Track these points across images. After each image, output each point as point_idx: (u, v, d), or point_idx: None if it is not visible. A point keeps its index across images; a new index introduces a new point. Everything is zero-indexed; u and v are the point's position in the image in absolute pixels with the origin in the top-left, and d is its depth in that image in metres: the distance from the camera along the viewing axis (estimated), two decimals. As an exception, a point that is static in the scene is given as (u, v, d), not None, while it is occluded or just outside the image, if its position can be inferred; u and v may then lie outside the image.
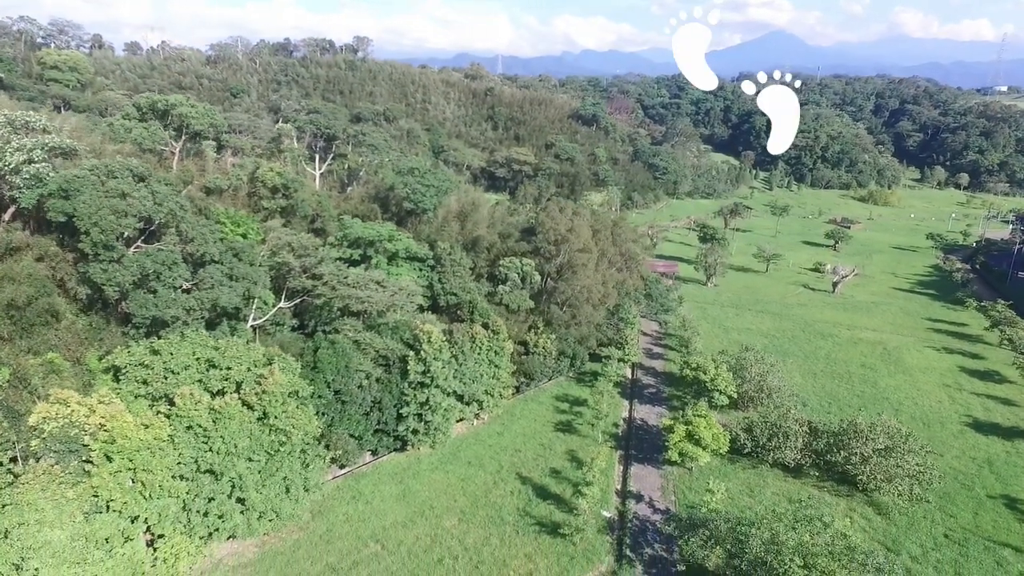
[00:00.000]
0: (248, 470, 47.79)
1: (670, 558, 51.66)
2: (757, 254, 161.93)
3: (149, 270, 50.55)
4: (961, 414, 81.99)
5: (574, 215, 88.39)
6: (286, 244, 62.62)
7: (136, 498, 42.92)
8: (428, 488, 59.66)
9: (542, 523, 55.03)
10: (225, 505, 46.66)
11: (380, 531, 53.13)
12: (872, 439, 61.66)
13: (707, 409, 65.95)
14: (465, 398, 67.77)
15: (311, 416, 52.16)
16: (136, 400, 47.23)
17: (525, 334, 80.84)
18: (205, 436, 45.74)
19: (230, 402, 46.88)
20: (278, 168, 76.84)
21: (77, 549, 41.11)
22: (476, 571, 48.82)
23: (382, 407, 61.70)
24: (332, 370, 58.01)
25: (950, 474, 66.10)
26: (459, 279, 76.11)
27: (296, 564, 48.76)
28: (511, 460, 65.05)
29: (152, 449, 43.57)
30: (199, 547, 46.70)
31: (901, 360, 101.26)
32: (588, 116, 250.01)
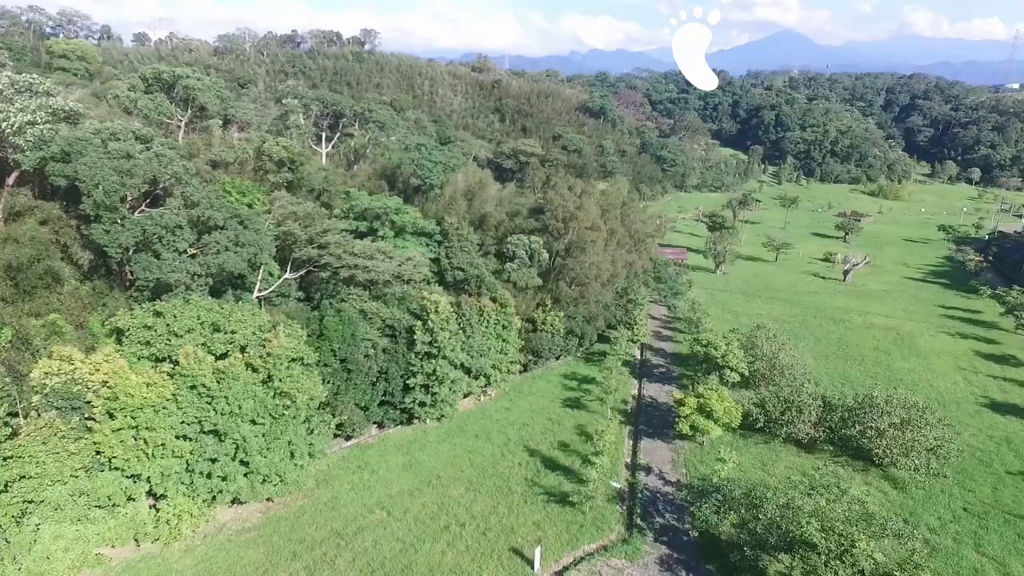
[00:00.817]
0: (252, 433, 46.97)
1: (681, 527, 50.50)
2: (767, 243, 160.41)
3: (152, 233, 49.78)
4: (978, 395, 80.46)
5: (583, 194, 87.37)
6: (291, 213, 61.78)
7: (138, 456, 42.20)
8: (434, 459, 58.75)
9: (550, 493, 54.00)
10: (228, 467, 45.86)
11: (386, 499, 52.24)
12: (888, 412, 60.31)
13: (718, 383, 64.77)
14: (472, 371, 66.80)
15: (316, 381, 51.31)
16: (139, 362, 46.48)
17: (533, 312, 79.81)
18: (209, 396, 44.96)
19: (234, 363, 46.12)
20: (284, 142, 76.11)
21: (78, 506, 40.43)
22: (483, 538, 47.83)
23: (388, 377, 60.83)
24: (338, 338, 57.17)
25: (967, 451, 64.54)
26: (466, 254, 75.19)
27: (301, 529, 47.92)
28: (519, 434, 64.06)
29: (155, 407, 42.85)
30: (202, 509, 45.93)
31: (915, 344, 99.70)
32: (596, 109, 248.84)
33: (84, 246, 55.00)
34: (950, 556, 48.00)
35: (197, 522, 46.00)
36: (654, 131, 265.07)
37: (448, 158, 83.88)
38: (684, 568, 45.59)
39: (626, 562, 45.89)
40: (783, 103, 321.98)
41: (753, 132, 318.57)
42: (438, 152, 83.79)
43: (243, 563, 43.96)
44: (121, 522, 43.25)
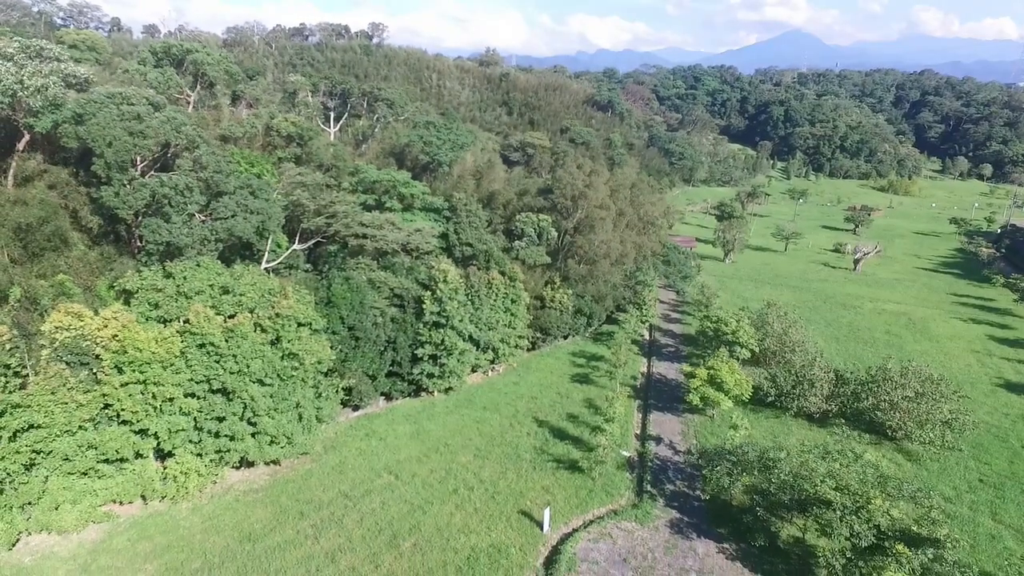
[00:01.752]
0: (260, 393, 46.68)
1: (692, 493, 49.92)
2: (776, 233, 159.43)
3: (162, 195, 49.65)
4: (992, 376, 79.51)
5: (591, 173, 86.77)
6: (300, 183, 61.60)
7: (146, 410, 41.98)
8: (442, 428, 58.38)
9: (559, 460, 53.55)
10: (236, 426, 45.61)
11: (394, 464, 51.91)
12: (903, 385, 59.53)
13: (728, 356, 64.13)
14: (481, 344, 66.41)
15: (324, 345, 51.03)
16: (147, 323, 46.26)
17: (541, 289, 79.35)
18: (217, 355, 44.74)
19: (243, 322, 45.89)
20: (292, 118, 76.00)
21: (87, 459, 40.27)
22: (492, 501, 47.41)
23: (397, 347, 60.52)
24: (346, 306, 56.90)
25: (983, 427, 63.67)
26: (475, 230, 74.78)
27: (308, 491, 47.63)
28: (527, 406, 63.61)
29: (164, 363, 42.67)
30: (209, 468, 45.68)
31: (927, 329, 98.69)
32: (603, 102, 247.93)
33: (94, 211, 54.97)
34: (966, 523, 47.19)
35: (204, 481, 45.78)
36: (662, 125, 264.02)
37: (457, 136, 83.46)
38: (695, 531, 45.01)
39: (636, 525, 45.35)
40: (792, 99, 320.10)
41: (762, 128, 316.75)
42: (446, 130, 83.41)
43: (250, 521, 43.71)
44: (129, 478, 43.08)
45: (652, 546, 43.14)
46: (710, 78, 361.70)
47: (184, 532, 42.25)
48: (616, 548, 42.72)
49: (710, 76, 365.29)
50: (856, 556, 37.17)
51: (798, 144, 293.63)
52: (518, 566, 40.63)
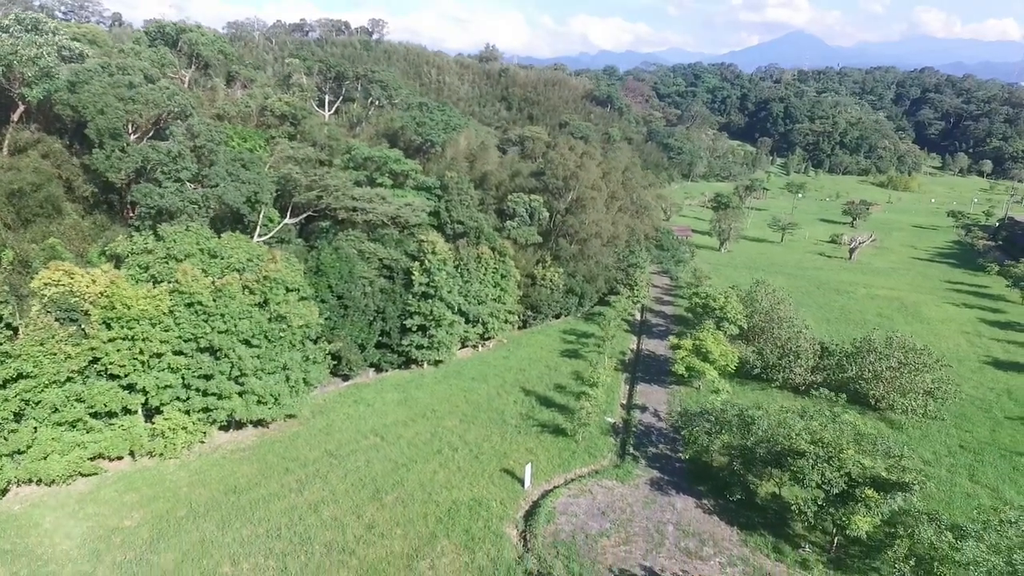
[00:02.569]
0: (248, 354, 47.47)
1: (673, 455, 50.58)
2: (772, 224, 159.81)
3: (154, 160, 50.54)
4: (981, 355, 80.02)
5: (584, 155, 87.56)
6: (291, 157, 62.45)
7: (134, 365, 42.78)
8: (430, 396, 59.14)
9: (544, 425, 54.26)
10: (224, 385, 46.38)
11: (380, 427, 52.70)
12: (886, 356, 60.13)
13: (715, 329, 64.76)
14: (470, 317, 67.14)
15: (312, 310, 51.79)
16: (136, 284, 47.11)
17: (532, 268, 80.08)
18: (205, 314, 45.55)
19: (231, 282, 46.70)
20: (287, 98, 76.93)
21: (75, 411, 41.10)
22: (476, 460, 48.15)
23: (385, 317, 61.30)
24: (335, 274, 57.73)
25: (967, 400, 64.30)
26: (466, 208, 75.57)
27: (294, 450, 48.43)
28: (515, 377, 64.34)
29: (152, 320, 43.47)
30: (197, 426, 46.46)
31: (919, 312, 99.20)
32: (602, 98, 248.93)
33: (87, 180, 55.89)
34: (943, 483, 47.76)
35: (192, 439, 46.59)
36: (661, 121, 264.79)
37: (449, 117, 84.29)
38: (674, 488, 45.67)
39: (617, 483, 46.01)
40: (792, 96, 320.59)
41: (762, 124, 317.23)
42: (439, 112, 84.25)
43: (236, 476, 44.51)
44: (117, 434, 43.89)
45: (631, 501, 43.81)
46: (710, 76, 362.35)
47: (170, 485, 43.06)
48: (595, 503, 43.39)
49: (710, 74, 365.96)
50: (827, 503, 37.83)
51: (798, 140, 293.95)
52: (498, 517, 41.31)
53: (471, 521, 40.62)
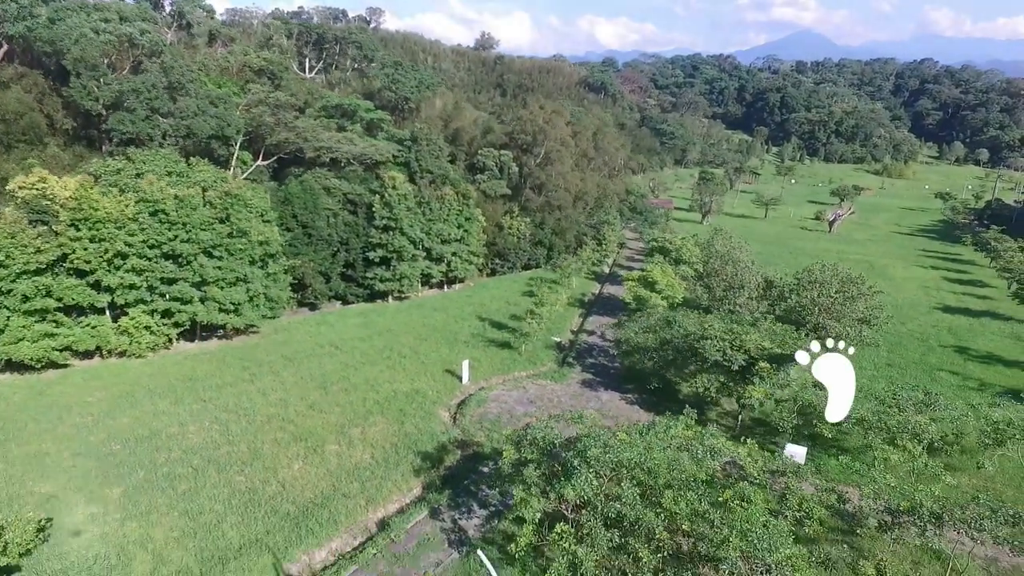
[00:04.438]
0: (210, 265, 50.99)
1: (610, 365, 53.69)
2: (756, 199, 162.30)
3: (129, 89, 54.16)
4: (934, 303, 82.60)
5: (553, 112, 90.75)
6: (261, 101, 66.00)
7: (101, 264, 46.32)
8: (391, 321, 62.48)
9: (493, 341, 57.45)
10: (186, 290, 49.91)
11: (338, 340, 56.10)
12: (824, 283, 62.89)
13: (664, 261, 67.75)
14: (433, 254, 70.39)
15: (274, 229, 55.26)
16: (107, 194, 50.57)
17: (500, 218, 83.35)
18: (169, 223, 49.06)
19: (193, 194, 50.22)
20: (265, 54, 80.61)
21: (45, 303, 44.67)
22: (421, 364, 51.38)
23: (349, 248, 64.74)
24: (299, 204, 61.21)
25: (907, 334, 67.09)
26: (435, 159, 78.83)
27: (252, 354, 51.87)
28: (474, 309, 67.51)
29: (118, 224, 47.02)
30: (160, 327, 49.96)
31: (885, 272, 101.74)
32: (596, 84, 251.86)
33: (67, 114, 59.60)
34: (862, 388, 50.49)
35: (156, 340, 50.12)
36: (656, 107, 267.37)
37: (423, 76, 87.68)
38: (603, 387, 48.79)
39: (551, 382, 49.17)
40: (789, 86, 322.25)
41: (759, 115, 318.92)
42: (413, 71, 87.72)
43: (196, 372, 47.95)
44: (85, 331, 47.45)
45: (560, 395, 46.96)
46: (708, 67, 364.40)
47: (133, 375, 46.61)
48: (526, 394, 46.60)
49: (708, 65, 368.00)
50: (728, 379, 40.90)
51: (793, 130, 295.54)
52: (432, 402, 44.57)
53: (407, 404, 43.89)
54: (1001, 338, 67.68)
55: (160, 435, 37.69)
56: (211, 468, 34.54)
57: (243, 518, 30.60)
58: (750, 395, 39.29)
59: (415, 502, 33.34)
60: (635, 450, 28.30)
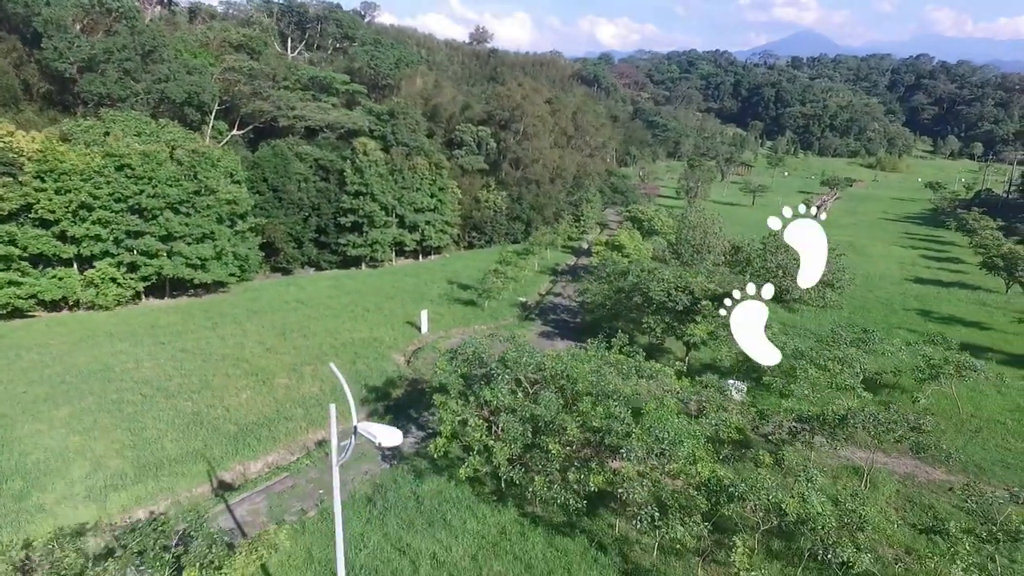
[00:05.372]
0: (177, 221, 51.96)
1: (572, 321, 54.53)
2: (743, 187, 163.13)
3: (102, 49, 55.19)
4: (907, 275, 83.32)
5: (532, 90, 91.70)
6: (235, 69, 67.01)
7: (66, 215, 47.30)
8: (361, 284, 63.40)
9: (460, 300, 58.38)
10: (152, 243, 50.88)
11: (304, 296, 57.10)
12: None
13: (633, 228, 68.61)
14: (407, 221, 71.30)
15: (243, 189, 56.22)
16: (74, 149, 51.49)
17: (477, 192, 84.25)
18: (135, 177, 50.04)
19: (159, 149, 51.21)
20: (244, 30, 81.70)
21: (9, 250, 45.67)
22: (384, 317, 52.26)
23: (321, 213, 65.69)
24: (270, 168, 62.20)
25: (874, 299, 67.83)
26: (412, 132, 79.82)
27: (219, 308, 52.81)
28: (446, 275, 68.43)
29: (84, 176, 48.01)
30: (127, 280, 50.91)
31: (864, 250, 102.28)
32: (590, 77, 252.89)
33: (43, 79, 60.66)
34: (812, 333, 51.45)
35: (123, 292, 51.09)
36: (649, 101, 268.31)
37: (403, 53, 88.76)
38: (561, 337, 49.65)
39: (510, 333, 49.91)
40: (784, 81, 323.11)
41: (754, 109, 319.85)
42: (392, 48, 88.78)
43: (161, 323, 48.88)
44: (52, 281, 48.43)
45: (517, 343, 47.75)
46: (704, 62, 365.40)
47: (97, 325, 47.52)
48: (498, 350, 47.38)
49: (704, 60, 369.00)
50: (673, 320, 41.75)
51: (788, 124, 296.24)
52: (388, 347, 45.47)
53: (363, 349, 44.79)
54: (966, 304, 68.42)
55: (114, 369, 38.62)
56: (159, 395, 35.47)
57: (184, 435, 31.51)
58: (692, 333, 40.14)
59: (356, 426, 34.19)
60: (559, 362, 29.25)
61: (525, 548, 24.41)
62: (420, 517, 25.97)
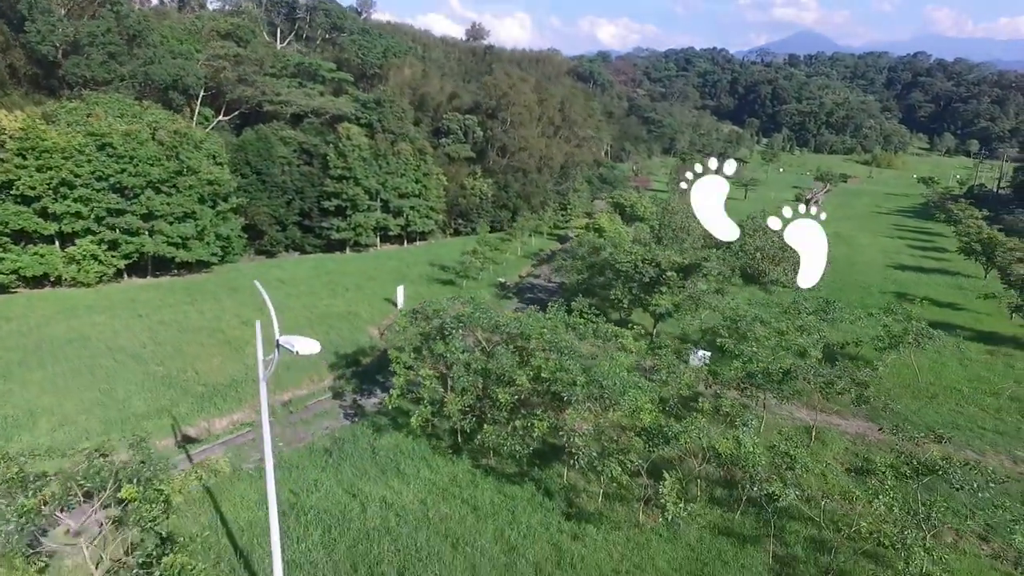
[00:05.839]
0: (159, 201, 52.71)
1: (547, 299, 55.15)
2: (735, 180, 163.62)
3: (85, 32, 56.00)
4: (890, 262, 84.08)
5: (519, 79, 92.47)
6: (220, 56, 67.82)
7: (46, 190, 48.04)
8: (343, 267, 64.16)
9: (439, 280, 59.20)
10: (133, 221, 51.63)
11: (286, 276, 57.85)
12: (765, 229, 64.44)
13: (614, 213, 69.37)
14: (391, 206, 72.01)
15: (225, 170, 56.97)
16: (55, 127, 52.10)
17: (463, 179, 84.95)
18: (116, 156, 50.77)
19: (141, 128, 51.96)
20: (232, 18, 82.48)
21: (-9, 226, 46.40)
22: (363, 295, 53.01)
23: (304, 196, 66.44)
24: (253, 151, 62.95)
25: (853, 283, 68.57)
26: (399, 120, 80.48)
27: (198, 286, 53.49)
28: (428, 258, 69.12)
29: (65, 154, 48.75)
30: (108, 257, 51.63)
31: (852, 241, 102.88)
32: (585, 73, 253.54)
33: (29, 62, 61.49)
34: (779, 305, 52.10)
35: (104, 269, 51.79)
36: (645, 97, 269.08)
37: (391, 43, 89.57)
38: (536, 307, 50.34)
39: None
40: (781, 78, 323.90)
41: (750, 107, 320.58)
42: (380, 38, 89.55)
43: (140, 297, 49.59)
44: (34, 258, 49.15)
45: (491, 318, 48.54)
46: (701, 60, 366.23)
47: (78, 300, 48.23)
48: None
49: (701, 58, 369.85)
50: (640, 291, 42.51)
51: (784, 121, 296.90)
52: (364, 321, 46.29)
53: (338, 322, 45.63)
54: (943, 287, 69.23)
55: (91, 338, 39.39)
56: (133, 361, 36.25)
57: (153, 395, 32.31)
58: (658, 303, 40.90)
59: (324, 390, 35.04)
60: (516, 321, 30.04)
61: (474, 494, 25.18)
62: (375, 467, 26.75)
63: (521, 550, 21.63)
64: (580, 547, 22.05)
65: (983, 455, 29.83)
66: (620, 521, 23.70)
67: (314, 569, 20.28)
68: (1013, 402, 36.32)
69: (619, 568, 20.95)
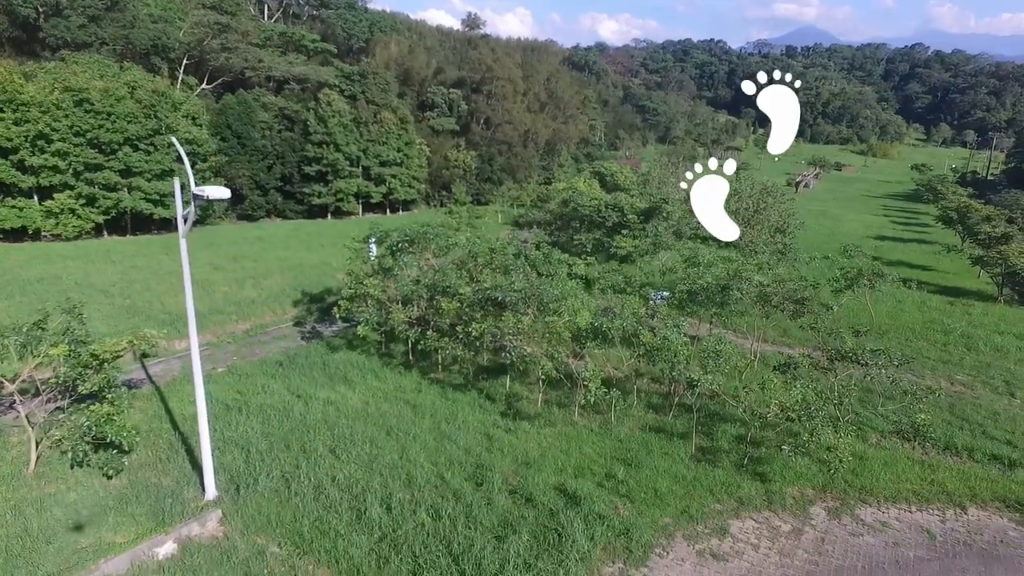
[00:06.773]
0: (136, 158, 53.49)
1: (522, 256, 56.04)
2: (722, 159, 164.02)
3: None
4: (872, 233, 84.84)
5: (504, 54, 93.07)
6: (202, 23, 68.45)
7: (23, 143, 48.82)
8: (324, 230, 64.93)
9: (414, 240, 59.82)
10: (111, 177, 52.42)
11: (264, 236, 58.70)
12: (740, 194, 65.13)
13: (592, 179, 70.09)
14: (372, 173, 72.72)
15: (204, 131, 57.73)
16: (33, 82, 52.83)
17: (448, 151, 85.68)
18: (94, 112, 51.52)
19: (119, 85, 52.71)
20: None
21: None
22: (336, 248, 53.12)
23: (285, 161, 67.17)
24: (234, 115, 63.69)
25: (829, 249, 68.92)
26: (383, 92, 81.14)
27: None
28: (410, 224, 69.16)
29: (42, 108, 49.51)
30: (86, 212, 52.43)
31: (838, 218, 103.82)
32: (580, 63, 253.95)
33: (12, 27, 62.14)
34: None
35: (83, 224, 52.59)
36: (640, 86, 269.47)
37: (377, 17, 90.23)
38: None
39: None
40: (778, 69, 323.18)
41: (747, 97, 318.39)
42: (365, 13, 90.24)
43: (117, 250, 50.41)
44: (12, 211, 49.94)
45: (461, 270, 49.31)
46: (699, 51, 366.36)
47: (54, 251, 49.06)
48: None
49: (699, 50, 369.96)
50: (604, 235, 43.29)
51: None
52: (334, 269, 46.84)
53: (310, 270, 46.43)
54: (919, 253, 69.98)
55: (62, 279, 40.19)
56: (101, 296, 37.07)
57: (116, 321, 33.08)
58: (620, 245, 41.65)
59: (285, 320, 35.86)
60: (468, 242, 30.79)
61: (417, 398, 25.99)
62: (324, 376, 27.57)
63: (454, 438, 22.42)
64: (512, 437, 22.82)
65: (922, 377, 30.55)
66: (556, 420, 24.49)
67: (248, 445, 21.11)
68: (962, 338, 37.09)
69: (546, 453, 21.73)
